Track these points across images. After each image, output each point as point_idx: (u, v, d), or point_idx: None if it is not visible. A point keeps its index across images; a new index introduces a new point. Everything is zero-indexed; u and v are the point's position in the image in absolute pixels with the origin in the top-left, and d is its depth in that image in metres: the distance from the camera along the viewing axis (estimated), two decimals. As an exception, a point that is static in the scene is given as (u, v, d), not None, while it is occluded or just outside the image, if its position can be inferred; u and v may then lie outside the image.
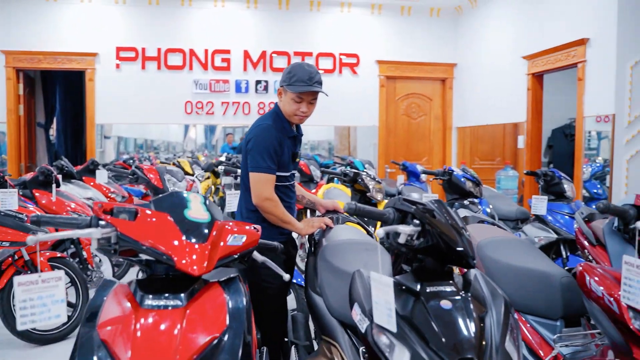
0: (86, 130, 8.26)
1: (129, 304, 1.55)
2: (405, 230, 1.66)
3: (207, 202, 1.75)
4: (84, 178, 5.96)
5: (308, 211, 3.23)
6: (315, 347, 2.63)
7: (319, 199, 2.97)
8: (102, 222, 1.57)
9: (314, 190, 6.19)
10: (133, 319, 1.49)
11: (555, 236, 4.33)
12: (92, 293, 4.23)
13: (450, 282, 1.73)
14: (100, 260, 4.90)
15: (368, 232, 2.91)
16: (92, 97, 8.06)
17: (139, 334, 1.45)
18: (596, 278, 1.96)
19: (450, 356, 1.52)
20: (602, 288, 1.92)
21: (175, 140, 8.95)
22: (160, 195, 1.72)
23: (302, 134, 2.83)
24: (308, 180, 6.43)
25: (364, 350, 1.72)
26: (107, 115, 8.13)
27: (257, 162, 2.52)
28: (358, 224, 3.02)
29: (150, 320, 1.49)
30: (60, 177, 5.06)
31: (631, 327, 1.80)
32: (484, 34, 8.36)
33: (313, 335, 2.76)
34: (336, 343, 2.21)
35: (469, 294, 1.72)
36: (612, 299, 1.87)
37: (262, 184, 2.52)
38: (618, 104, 5.64)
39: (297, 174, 2.94)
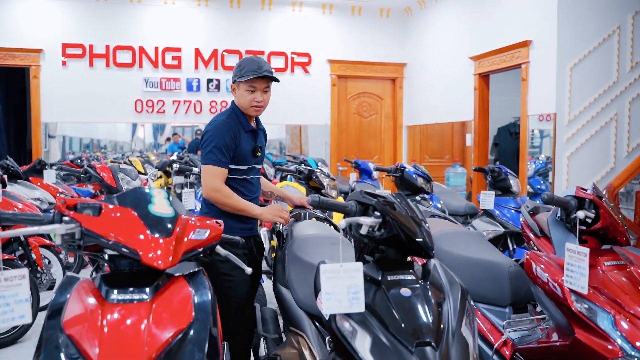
0: (31, 129, 8.00)
1: (94, 299, 1.55)
2: (367, 222, 1.74)
3: (171, 197, 1.77)
4: (30, 178, 5.78)
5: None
6: (284, 339, 2.68)
7: (288, 194, 3.01)
8: (65, 218, 1.57)
9: (268, 189, 6.19)
10: (99, 314, 1.50)
11: (502, 229, 4.51)
12: (42, 295, 4.14)
13: (411, 271, 1.81)
14: (49, 262, 4.78)
15: (335, 227, 2.98)
16: (37, 95, 7.81)
17: (105, 329, 1.46)
18: (541, 265, 2.09)
19: (409, 340, 1.60)
20: (547, 274, 2.05)
21: (123, 140, 8.77)
22: (124, 191, 1.73)
23: (263, 129, 2.84)
24: (262, 179, 6.43)
25: (329, 339, 1.78)
26: (53, 114, 7.90)
27: (208, 155, 2.57)
28: (325, 219, 3.09)
29: (116, 314, 1.50)
30: (5, 177, 4.90)
31: (573, 309, 1.93)
32: (432, 34, 8.58)
33: (282, 329, 2.81)
34: (303, 334, 2.27)
35: (428, 282, 1.81)
36: (556, 284, 2.00)
37: (210, 176, 2.56)
38: (559, 104, 5.92)
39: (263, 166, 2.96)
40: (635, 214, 5.17)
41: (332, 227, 3.06)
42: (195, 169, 4.34)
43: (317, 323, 2.27)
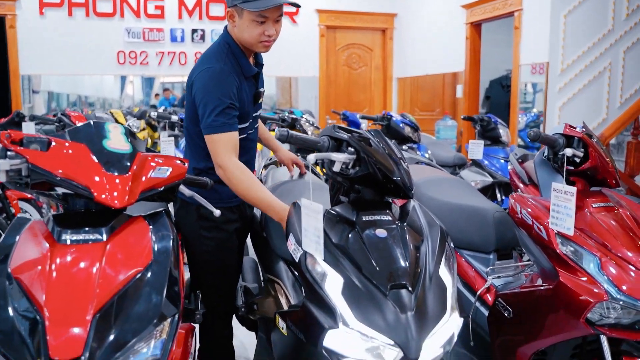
0: (10, 83, 7.75)
1: (44, 241, 1.45)
2: (339, 158, 1.62)
3: (129, 132, 1.64)
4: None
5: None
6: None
7: (280, 149, 2.60)
8: (10, 153, 1.45)
9: (253, 141, 6.07)
10: (48, 256, 1.39)
11: (490, 180, 4.43)
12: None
13: (387, 211, 1.71)
14: (31, 217, 4.67)
15: (317, 175, 2.88)
16: (15, 46, 7.52)
17: (54, 272, 1.36)
18: (527, 208, 2.00)
19: (383, 284, 1.51)
20: (532, 217, 1.96)
21: (112, 97, 8.53)
22: (77, 125, 1.60)
23: (263, 63, 2.22)
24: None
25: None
26: (32, 66, 7.63)
27: (208, 122, 1.93)
28: (305, 166, 2.98)
29: (67, 257, 1.40)
30: (-19, 128, 4.74)
31: (558, 251, 1.85)
32: (424, -17, 8.31)
33: (262, 278, 2.74)
34: (280, 280, 2.19)
35: (406, 224, 1.71)
36: (541, 226, 1.91)
37: (214, 148, 1.94)
38: (552, 52, 5.75)
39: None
40: (626, 165, 5.08)
41: (314, 175, 2.95)
42: (174, 117, 4.19)
43: (293, 269, 2.19)
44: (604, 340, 1.85)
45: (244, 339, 3.11)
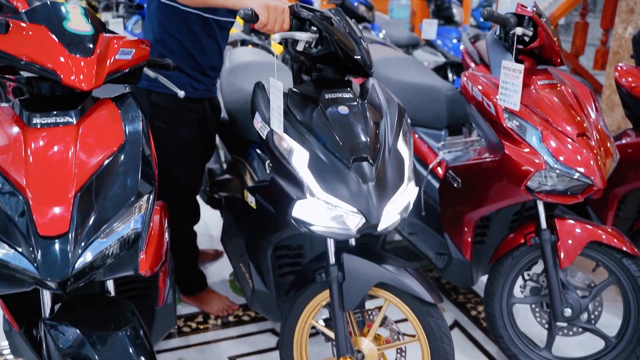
0: None
1: (14, 125, 1.46)
2: (303, 37, 1.66)
3: (88, 12, 1.61)
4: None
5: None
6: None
7: None
8: (-32, 36, 1.42)
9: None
10: (22, 140, 1.42)
11: (443, 59, 4.52)
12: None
13: (348, 89, 1.79)
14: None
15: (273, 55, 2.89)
16: None
17: (31, 156, 1.39)
18: (478, 85, 2.11)
19: (346, 157, 1.62)
20: (482, 94, 2.08)
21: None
22: (33, 6, 1.56)
23: None
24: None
25: (269, 163, 1.78)
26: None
27: None
28: (262, 47, 2.98)
29: (41, 140, 1.43)
30: None
31: (504, 125, 1.99)
32: None
33: (223, 159, 2.82)
34: (243, 159, 2.28)
35: (366, 101, 1.80)
36: (490, 102, 2.04)
37: None
38: None
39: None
40: (572, 45, 5.24)
41: (270, 54, 2.96)
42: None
43: (257, 150, 2.28)
44: (540, 205, 2.06)
45: (208, 220, 3.26)
